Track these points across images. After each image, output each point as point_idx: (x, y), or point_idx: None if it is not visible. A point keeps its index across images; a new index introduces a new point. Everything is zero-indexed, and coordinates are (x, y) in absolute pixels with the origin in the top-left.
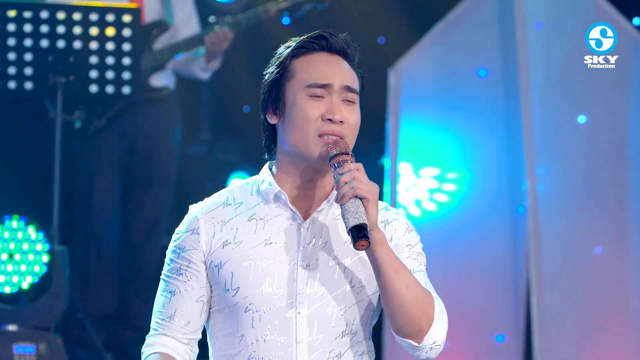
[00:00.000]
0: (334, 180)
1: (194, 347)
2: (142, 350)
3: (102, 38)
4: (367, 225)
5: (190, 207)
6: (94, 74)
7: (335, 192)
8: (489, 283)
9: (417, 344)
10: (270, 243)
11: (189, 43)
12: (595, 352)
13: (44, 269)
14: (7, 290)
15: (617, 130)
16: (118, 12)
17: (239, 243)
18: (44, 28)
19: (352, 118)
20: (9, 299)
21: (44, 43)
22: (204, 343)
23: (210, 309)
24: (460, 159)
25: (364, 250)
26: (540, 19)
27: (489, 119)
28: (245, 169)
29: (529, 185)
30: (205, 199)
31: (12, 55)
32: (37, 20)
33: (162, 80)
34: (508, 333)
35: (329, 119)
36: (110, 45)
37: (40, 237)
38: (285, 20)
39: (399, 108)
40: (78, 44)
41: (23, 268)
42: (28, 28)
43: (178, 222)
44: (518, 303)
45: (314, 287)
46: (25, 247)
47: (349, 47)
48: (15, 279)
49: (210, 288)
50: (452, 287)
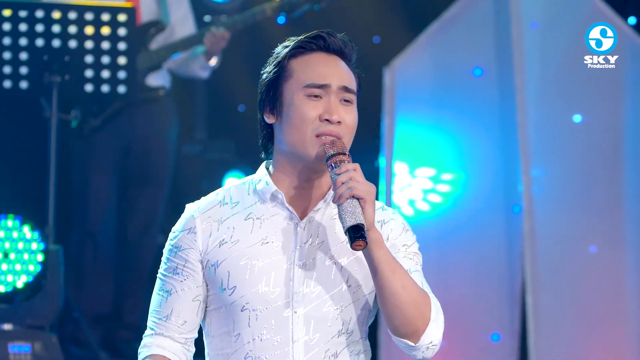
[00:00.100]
0: (331, 181)
1: (191, 346)
2: (138, 351)
3: (97, 37)
4: (364, 226)
5: (187, 206)
6: (90, 73)
7: (332, 191)
8: (485, 282)
9: (413, 344)
10: (267, 242)
11: (186, 43)
12: (591, 350)
13: (39, 268)
14: (1, 290)
15: (612, 130)
16: (113, 11)
17: (236, 242)
18: (39, 27)
19: (349, 118)
20: (4, 298)
21: (40, 42)
22: (200, 342)
23: (207, 308)
24: (456, 158)
25: (361, 251)
26: (536, 18)
27: (485, 118)
28: (241, 168)
29: (524, 185)
30: (202, 198)
31: (7, 55)
32: (32, 20)
33: (158, 80)
34: (503, 332)
35: (327, 120)
36: (106, 45)
37: (36, 236)
38: (281, 20)
39: (394, 107)
40: (73, 43)
41: (18, 267)
42: (23, 27)
43: (173, 221)
44: (513, 302)
45: (311, 286)
46: (21, 246)
47: (347, 47)
48: (10, 278)
49: (207, 287)
50: (447, 286)
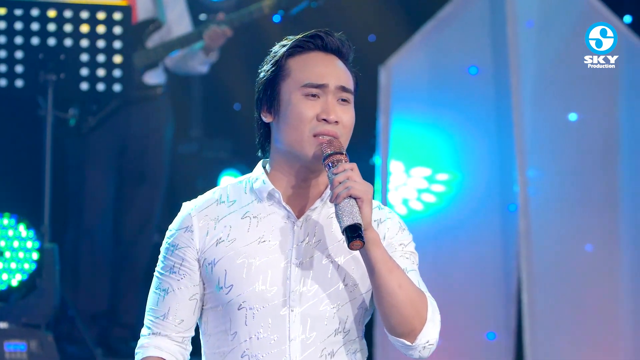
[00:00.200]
0: (329, 180)
1: (188, 345)
2: (135, 351)
3: (93, 35)
4: (361, 225)
5: (184, 204)
6: (85, 72)
7: (329, 190)
8: (480, 281)
9: (410, 343)
10: (264, 241)
11: (184, 40)
12: (586, 349)
13: (34, 267)
14: None
15: (607, 128)
16: (109, 9)
17: (233, 241)
18: (35, 26)
19: (346, 118)
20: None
21: (35, 41)
22: (196, 340)
23: (203, 307)
24: (451, 157)
25: (358, 250)
26: (531, 17)
27: (480, 116)
28: (236, 167)
29: (520, 183)
30: (199, 197)
31: (2, 53)
32: (27, 18)
33: (155, 78)
34: (499, 331)
35: (324, 119)
36: (101, 43)
37: (31, 234)
38: (277, 19)
39: (390, 106)
40: (69, 42)
41: (13, 266)
42: (19, 26)
43: (168, 219)
44: (509, 301)
45: (308, 285)
46: (16, 244)
47: (344, 46)
48: (5, 277)
49: (203, 286)
50: (443, 284)
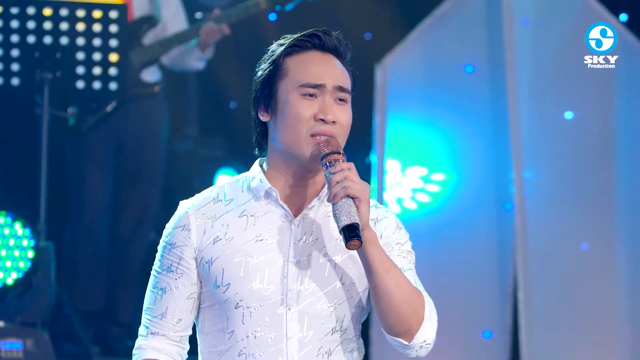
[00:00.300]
0: (326, 180)
1: (185, 344)
2: (133, 352)
3: (88, 34)
4: (359, 225)
5: (181, 202)
6: (81, 70)
7: (326, 189)
8: (476, 279)
9: (407, 343)
10: (261, 240)
11: (182, 37)
12: (582, 347)
13: (29, 265)
14: None
15: (604, 126)
16: (104, 7)
17: (230, 239)
18: (31, 24)
19: (343, 117)
20: None
21: (31, 39)
22: (193, 338)
23: (200, 305)
24: (447, 155)
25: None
26: (527, 15)
27: (476, 115)
28: (232, 165)
29: (516, 182)
30: (196, 195)
31: None
32: (23, 17)
33: (151, 76)
34: (495, 329)
35: (322, 119)
36: (97, 41)
37: (27, 233)
38: (272, 16)
39: (386, 104)
40: (65, 40)
41: (8, 264)
42: (15, 24)
43: (164, 217)
44: (505, 299)
45: (305, 283)
46: (12, 243)
47: (342, 45)
48: (0, 275)
49: (200, 284)
50: (439, 283)
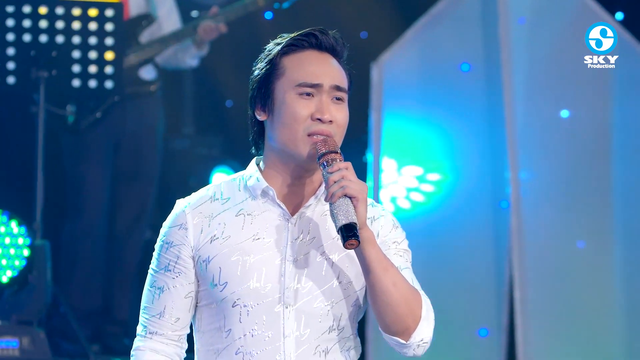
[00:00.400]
0: (323, 179)
1: (184, 343)
2: (131, 353)
3: (84, 32)
4: (356, 225)
5: (178, 201)
6: (77, 69)
7: (324, 188)
8: (472, 277)
9: (404, 342)
10: (259, 238)
11: (179, 35)
12: (578, 345)
13: (24, 263)
14: None
15: (599, 125)
16: (100, 6)
17: (227, 238)
18: (27, 22)
19: (340, 117)
20: None
21: (27, 37)
22: (190, 337)
23: (197, 304)
24: (443, 154)
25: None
26: (523, 14)
27: (472, 113)
28: (228, 164)
29: (512, 180)
30: (193, 194)
31: None
32: (19, 15)
33: (149, 74)
34: (491, 327)
35: (318, 119)
36: (93, 40)
37: (23, 231)
38: (268, 15)
39: (382, 103)
40: (60, 39)
41: (4, 262)
42: (10, 22)
43: (160, 216)
44: (501, 297)
45: (302, 282)
46: (7, 241)
47: (338, 44)
48: None
49: (198, 283)
50: (435, 281)
